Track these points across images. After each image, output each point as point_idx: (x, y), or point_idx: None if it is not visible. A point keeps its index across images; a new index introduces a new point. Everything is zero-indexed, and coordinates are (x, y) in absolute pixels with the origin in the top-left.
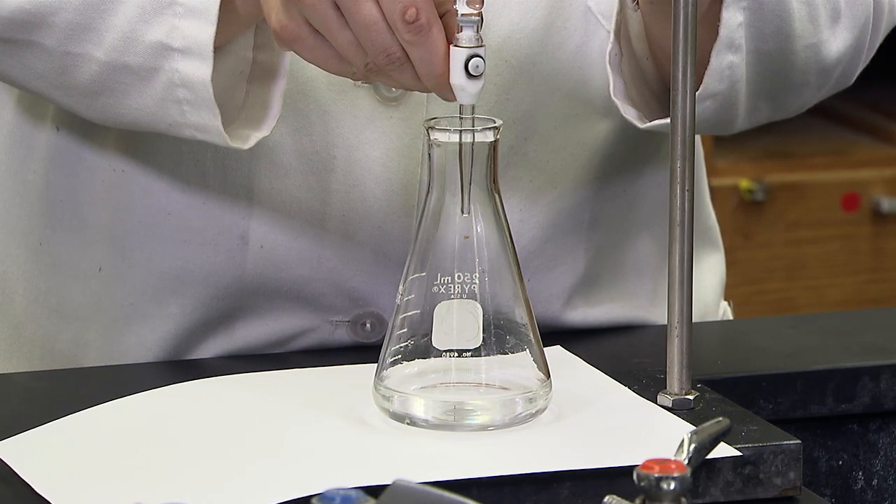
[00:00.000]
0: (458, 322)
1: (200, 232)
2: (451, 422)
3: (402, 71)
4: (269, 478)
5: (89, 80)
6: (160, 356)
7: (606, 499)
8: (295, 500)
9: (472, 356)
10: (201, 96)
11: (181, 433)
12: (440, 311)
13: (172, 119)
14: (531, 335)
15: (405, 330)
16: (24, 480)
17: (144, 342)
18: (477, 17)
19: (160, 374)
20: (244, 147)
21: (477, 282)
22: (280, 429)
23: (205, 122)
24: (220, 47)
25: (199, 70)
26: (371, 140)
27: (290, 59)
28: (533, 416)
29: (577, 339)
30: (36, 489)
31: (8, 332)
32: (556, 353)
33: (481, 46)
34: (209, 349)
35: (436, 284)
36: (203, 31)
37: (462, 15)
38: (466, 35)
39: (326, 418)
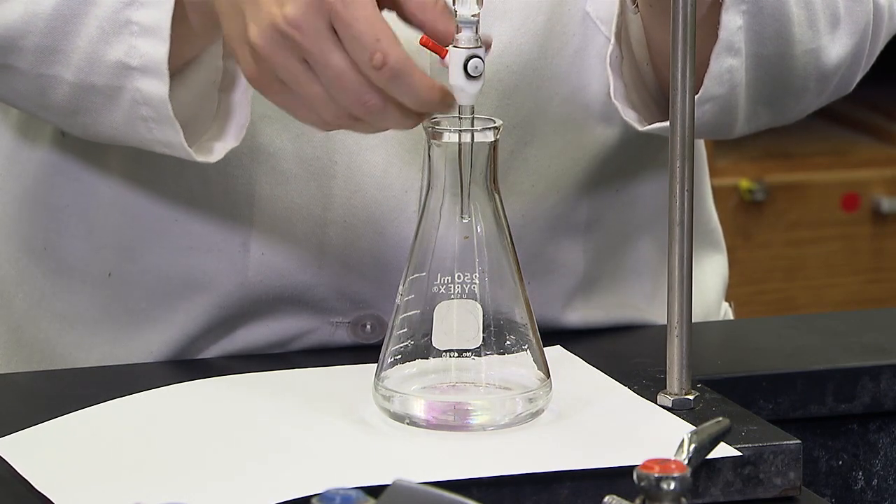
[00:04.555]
0: (458, 322)
1: (204, 238)
2: (451, 422)
3: (383, 116)
4: (269, 478)
5: (64, 100)
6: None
7: (606, 499)
8: (295, 500)
9: (472, 356)
10: (162, 114)
11: (181, 433)
12: (440, 311)
13: (141, 136)
14: (531, 335)
15: (405, 330)
16: (19, 481)
17: (149, 348)
18: (475, 19)
19: (160, 374)
20: (210, 160)
21: (477, 282)
22: (280, 429)
23: (168, 138)
24: (192, 59)
25: (158, 88)
26: (372, 145)
27: None
28: (533, 415)
29: (577, 339)
30: (36, 487)
31: (7, 337)
32: (556, 353)
33: (480, 47)
34: (210, 354)
35: (436, 284)
36: (157, 49)
37: (461, 16)
38: (465, 36)
39: (326, 418)
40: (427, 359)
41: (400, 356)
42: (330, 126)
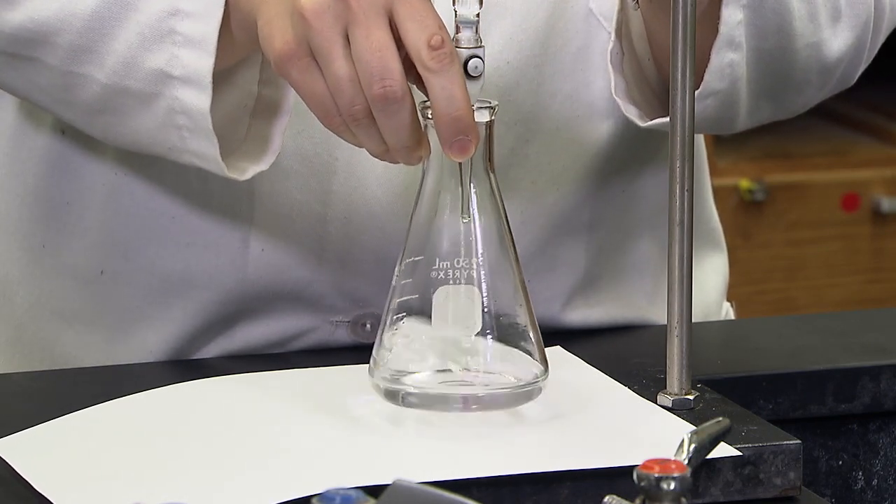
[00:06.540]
0: (456, 307)
1: (203, 235)
2: (447, 404)
3: (367, 132)
4: (269, 478)
5: (92, 98)
6: (161, 359)
7: (606, 499)
8: (295, 500)
9: (468, 340)
10: (200, 125)
11: (181, 433)
12: (439, 296)
13: (172, 143)
14: (526, 316)
15: (402, 313)
16: (19, 480)
17: (147, 345)
18: (476, 19)
19: (160, 374)
20: (241, 178)
21: (474, 264)
22: (280, 429)
23: (203, 149)
24: (224, 79)
25: (199, 100)
26: None
27: (293, 94)
28: (529, 396)
29: (577, 339)
30: (35, 487)
31: (9, 335)
32: (556, 353)
33: (480, 47)
34: (209, 352)
35: (434, 269)
36: (202, 61)
37: (461, 16)
38: (465, 36)
39: (326, 418)
40: (423, 341)
41: (396, 336)
42: (334, 121)
